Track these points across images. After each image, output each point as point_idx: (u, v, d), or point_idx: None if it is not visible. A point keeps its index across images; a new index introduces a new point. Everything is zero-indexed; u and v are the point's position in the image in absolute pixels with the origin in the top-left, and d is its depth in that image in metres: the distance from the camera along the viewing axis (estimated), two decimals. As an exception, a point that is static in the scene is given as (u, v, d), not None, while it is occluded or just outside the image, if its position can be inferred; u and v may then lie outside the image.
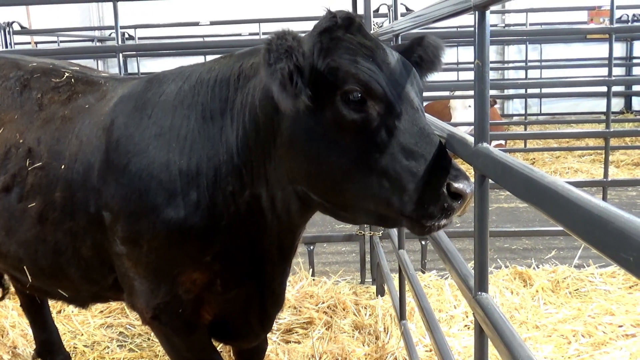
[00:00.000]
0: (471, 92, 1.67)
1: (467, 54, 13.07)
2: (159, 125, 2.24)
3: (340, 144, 1.89)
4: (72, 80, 2.68)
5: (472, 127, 1.66)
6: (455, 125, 8.53)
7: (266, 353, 3.09)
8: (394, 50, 2.03)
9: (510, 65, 13.79)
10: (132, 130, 2.27)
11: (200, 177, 2.18)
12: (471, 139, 1.68)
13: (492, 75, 14.10)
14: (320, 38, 1.92)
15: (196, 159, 2.18)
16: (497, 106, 12.34)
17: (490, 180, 1.59)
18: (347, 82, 1.85)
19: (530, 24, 12.24)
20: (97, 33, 14.06)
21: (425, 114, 2.08)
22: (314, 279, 4.87)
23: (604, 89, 6.22)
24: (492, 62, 13.59)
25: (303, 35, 2.00)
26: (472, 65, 1.62)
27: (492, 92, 10.58)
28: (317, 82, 1.88)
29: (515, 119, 13.82)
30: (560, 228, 1.06)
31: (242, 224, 2.22)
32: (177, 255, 2.22)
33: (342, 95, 1.86)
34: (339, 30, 1.94)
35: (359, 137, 1.87)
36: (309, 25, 2.23)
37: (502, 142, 9.96)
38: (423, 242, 5.08)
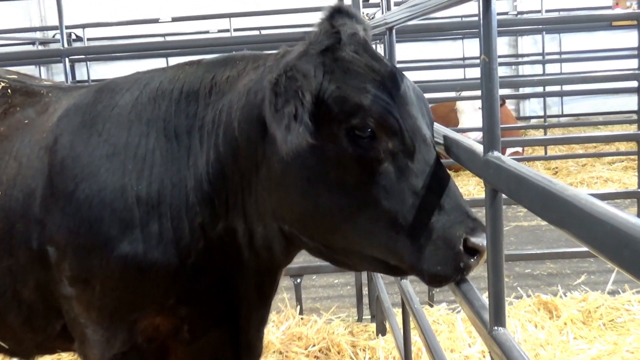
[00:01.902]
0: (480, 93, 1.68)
1: (474, 47, 13.20)
2: (111, 144, 2.23)
3: (344, 184, 1.91)
4: (9, 90, 2.68)
5: (483, 133, 1.67)
6: (464, 131, 8.60)
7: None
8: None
9: (525, 59, 13.93)
10: (79, 150, 2.25)
11: (163, 206, 2.17)
12: (480, 148, 1.68)
13: (505, 71, 14.27)
14: (322, 60, 1.94)
15: (157, 184, 2.18)
16: (512, 107, 12.46)
17: (504, 195, 1.59)
18: (355, 115, 1.87)
19: (547, 11, 12.42)
20: (38, 34, 14.07)
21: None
22: (302, 318, 4.84)
23: (634, 84, 6.26)
24: (503, 57, 13.77)
25: (296, 50, 2.01)
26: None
27: (505, 91, 10.68)
28: (318, 113, 1.90)
29: (532, 122, 13.93)
30: (590, 249, 1.07)
31: (213, 261, 2.22)
32: (135, 297, 2.20)
33: (349, 129, 1.88)
34: (344, 49, 1.96)
35: (365, 178, 1.89)
36: (285, 20, 2.24)
37: (519, 149, 10.03)
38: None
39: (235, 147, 2.11)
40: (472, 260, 1.82)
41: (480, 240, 1.79)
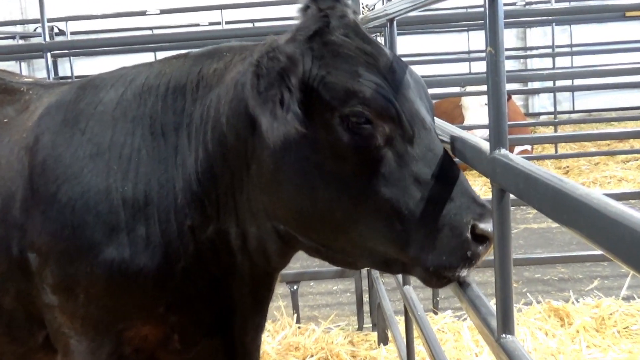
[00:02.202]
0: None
1: (480, 40, 13.22)
2: (95, 143, 2.23)
3: (341, 175, 1.91)
4: (-14, 88, 2.67)
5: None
6: (469, 128, 8.59)
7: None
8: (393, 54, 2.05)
9: (534, 52, 13.94)
10: (61, 150, 2.25)
11: (150, 208, 2.17)
12: (486, 145, 1.69)
13: (513, 65, 14.27)
14: (310, 45, 1.94)
15: (144, 185, 2.18)
16: (520, 103, 12.46)
17: (512, 195, 1.59)
18: (348, 101, 1.88)
19: (556, 1, 12.42)
20: (18, 28, 14.05)
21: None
22: (299, 327, 4.85)
23: (649, 77, 6.27)
24: (511, 50, 13.79)
25: (283, 38, 2.01)
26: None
27: (513, 86, 10.70)
28: (309, 101, 1.90)
29: (542, 118, 13.95)
30: (603, 252, 1.06)
31: (204, 266, 2.22)
32: (122, 305, 2.20)
33: (343, 117, 1.88)
34: (333, 32, 1.96)
35: (363, 167, 1.89)
36: (279, 12, 2.24)
37: (528, 147, 10.03)
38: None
39: (224, 144, 2.11)
40: (480, 248, 1.82)
41: (488, 226, 1.79)
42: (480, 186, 8.95)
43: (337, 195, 1.92)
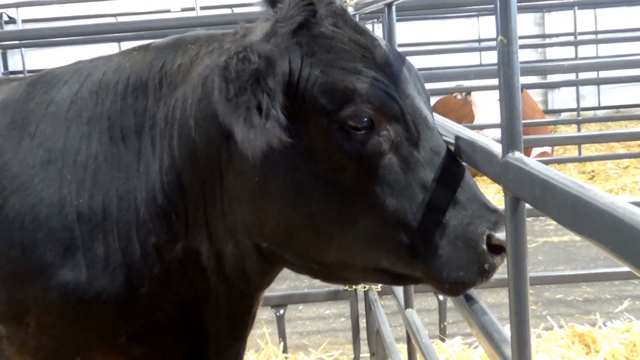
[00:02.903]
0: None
1: (492, 26, 13.25)
2: (46, 149, 2.22)
3: (341, 186, 1.92)
4: None
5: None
6: (480, 128, 8.62)
7: None
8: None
9: (554, 40, 14.01)
10: (8, 157, 2.24)
11: (109, 223, 2.16)
12: (498, 148, 1.69)
13: (529, 55, 14.33)
14: (297, 39, 1.94)
15: (102, 196, 2.17)
16: (538, 99, 12.50)
17: (527, 204, 1.59)
18: (348, 103, 1.88)
19: (578, -18, 12.47)
20: (-38, 17, 14.01)
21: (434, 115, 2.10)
22: (286, 357, 4.84)
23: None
24: (527, 37, 13.84)
25: (259, 29, 2.00)
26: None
27: (529, 79, 10.72)
28: (299, 106, 1.91)
29: (563, 116, 14.01)
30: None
31: (172, 290, 2.21)
32: (79, 335, 2.19)
33: (342, 122, 1.89)
34: (321, 23, 1.96)
35: (366, 175, 1.90)
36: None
37: (548, 149, 10.06)
38: (440, 297, 5.08)
39: (193, 150, 2.11)
40: (496, 259, 1.85)
41: (505, 235, 1.80)
42: (493, 194, 8.96)
43: (337, 208, 1.93)
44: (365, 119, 1.87)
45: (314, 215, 1.96)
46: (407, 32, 11.07)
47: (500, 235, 1.82)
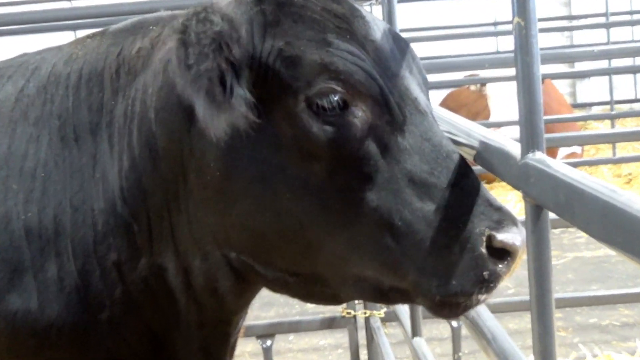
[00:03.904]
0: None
1: (510, 8, 13.25)
2: (-12, 155, 2.22)
3: (312, 180, 1.93)
4: None
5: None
6: (498, 126, 8.62)
7: None
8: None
9: (582, 22, 14.00)
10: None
11: (62, 239, 2.17)
12: (517, 148, 1.71)
13: (554, 39, 14.31)
14: (260, 7, 1.95)
15: (53, 208, 2.17)
16: (565, 91, 12.50)
17: (550, 213, 1.60)
18: (316, 79, 1.89)
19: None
20: None
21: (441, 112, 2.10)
22: (275, 397, 4.82)
23: None
24: (552, 19, 13.83)
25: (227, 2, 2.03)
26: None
27: (555, 68, 10.72)
28: (263, 83, 1.92)
29: (594, 110, 14.01)
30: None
31: (137, 316, 2.22)
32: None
33: (309, 101, 1.90)
34: None
35: (341, 167, 1.91)
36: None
37: (577, 149, 10.06)
38: (454, 324, 5.08)
39: (154, 148, 2.11)
40: (500, 266, 1.83)
41: (510, 236, 1.81)
42: (514, 203, 8.95)
43: (308, 207, 1.93)
44: (336, 98, 1.88)
45: (283, 215, 1.96)
46: (411, 15, 11.07)
47: (504, 236, 1.81)
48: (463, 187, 1.89)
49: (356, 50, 1.91)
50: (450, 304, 1.88)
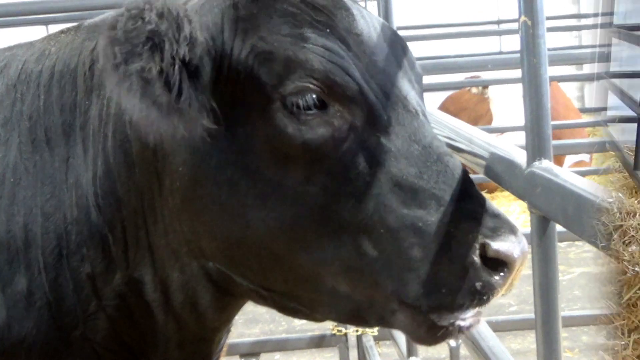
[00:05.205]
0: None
1: (514, 6, 13.34)
2: (-48, 160, 2.20)
3: (285, 185, 1.90)
4: None
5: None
6: (501, 131, 8.65)
7: None
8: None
9: (592, 21, 14.08)
10: None
11: (32, 251, 2.14)
12: (522, 155, 1.70)
13: (562, 39, 14.40)
14: (233, 0, 1.94)
15: (23, 217, 2.15)
16: (573, 95, 12.56)
17: (557, 225, 1.59)
18: (290, 77, 1.87)
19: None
20: None
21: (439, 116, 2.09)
22: (260, 420, 4.82)
23: None
24: (559, 18, 13.91)
25: None
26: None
27: (563, 70, 10.77)
28: (234, 80, 1.91)
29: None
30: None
31: (112, 333, 2.19)
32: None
33: (284, 99, 1.88)
34: None
35: (317, 172, 1.89)
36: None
37: (586, 157, 10.11)
38: (453, 344, 5.07)
39: (128, 153, 2.10)
40: (495, 278, 1.80)
41: (506, 245, 1.78)
42: (517, 214, 8.99)
43: (280, 215, 1.91)
44: (313, 97, 1.87)
45: (251, 223, 1.95)
46: (409, 12, 11.13)
47: (500, 245, 1.78)
48: (456, 191, 1.86)
49: (335, 46, 1.89)
50: (431, 322, 1.85)
